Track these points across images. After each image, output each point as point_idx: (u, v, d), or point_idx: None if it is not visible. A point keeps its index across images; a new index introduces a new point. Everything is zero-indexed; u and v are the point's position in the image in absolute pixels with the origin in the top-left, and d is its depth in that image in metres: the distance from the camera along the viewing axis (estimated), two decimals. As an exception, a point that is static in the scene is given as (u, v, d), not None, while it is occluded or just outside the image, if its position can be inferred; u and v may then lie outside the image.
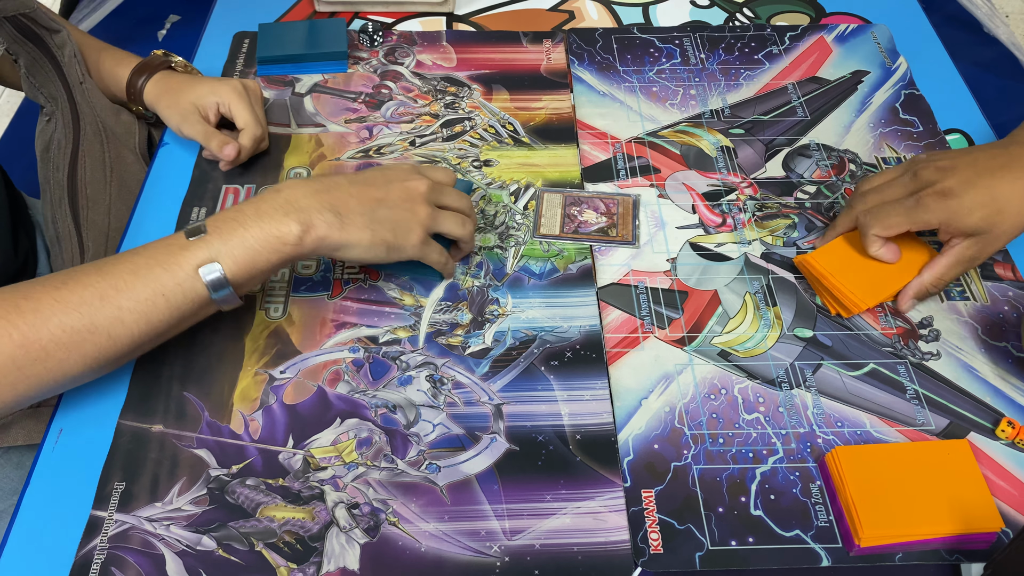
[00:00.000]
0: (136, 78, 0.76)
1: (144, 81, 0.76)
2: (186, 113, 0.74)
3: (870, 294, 0.63)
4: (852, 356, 0.62)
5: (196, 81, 0.76)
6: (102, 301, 0.52)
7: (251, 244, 0.54)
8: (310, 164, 0.75)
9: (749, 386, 0.60)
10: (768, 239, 0.69)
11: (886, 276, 0.64)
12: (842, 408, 0.59)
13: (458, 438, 0.57)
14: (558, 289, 0.66)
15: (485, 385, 0.60)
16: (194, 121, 0.73)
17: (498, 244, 0.69)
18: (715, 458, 0.56)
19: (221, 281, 0.54)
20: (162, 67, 0.77)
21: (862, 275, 0.63)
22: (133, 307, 0.53)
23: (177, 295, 0.54)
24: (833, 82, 0.83)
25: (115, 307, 0.52)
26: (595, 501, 0.54)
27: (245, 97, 0.74)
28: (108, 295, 0.53)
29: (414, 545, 0.52)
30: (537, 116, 0.79)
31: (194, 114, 0.74)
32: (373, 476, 0.55)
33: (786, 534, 0.53)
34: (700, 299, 0.65)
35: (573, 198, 0.72)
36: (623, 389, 0.60)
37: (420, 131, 0.78)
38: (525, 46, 0.87)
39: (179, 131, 0.74)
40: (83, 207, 0.77)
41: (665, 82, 0.83)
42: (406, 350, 0.62)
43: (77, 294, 0.52)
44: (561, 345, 0.62)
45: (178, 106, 0.74)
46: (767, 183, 0.74)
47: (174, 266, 0.54)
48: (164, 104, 0.75)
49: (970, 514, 0.50)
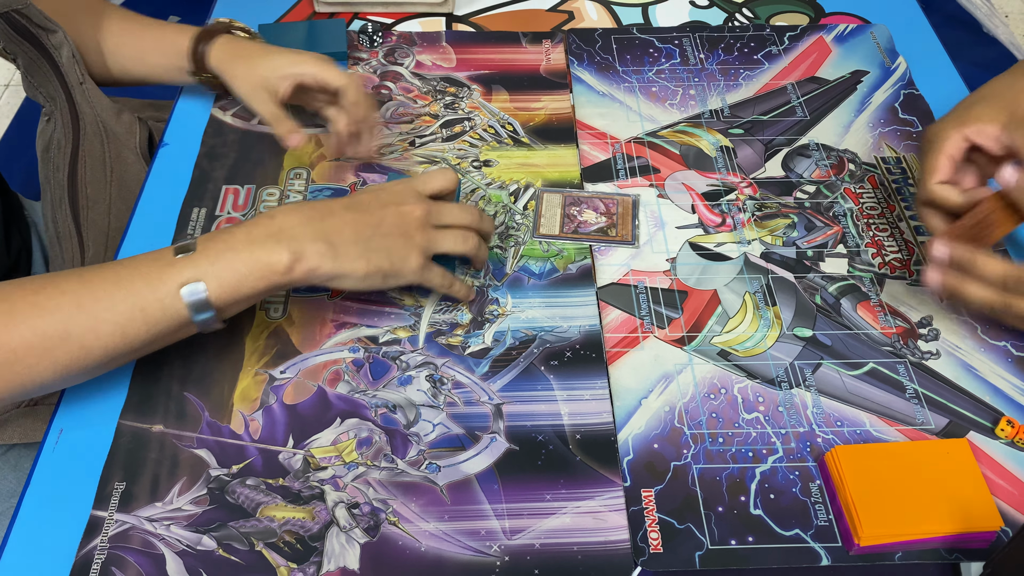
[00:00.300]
0: (198, 43, 0.74)
1: (207, 45, 0.74)
2: (257, 87, 0.72)
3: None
4: (852, 355, 0.62)
5: (271, 52, 0.73)
6: (79, 309, 0.51)
7: (239, 268, 0.53)
8: (310, 164, 0.75)
9: (749, 385, 0.60)
10: (768, 239, 0.69)
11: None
12: (842, 407, 0.59)
13: (458, 438, 0.57)
14: (558, 289, 0.66)
15: (485, 385, 0.60)
16: (264, 98, 0.72)
17: (498, 244, 0.69)
18: (715, 457, 0.56)
19: (203, 303, 0.53)
20: (224, 32, 0.75)
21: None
22: (109, 318, 0.52)
23: (156, 311, 0.53)
24: (832, 82, 0.83)
25: (91, 316, 0.52)
26: (595, 500, 0.54)
27: (332, 63, 0.72)
28: (85, 304, 0.52)
29: (414, 545, 0.52)
30: (536, 116, 0.79)
31: (265, 90, 0.72)
32: (373, 476, 0.55)
33: (786, 533, 0.53)
34: (700, 299, 0.65)
35: (573, 198, 0.72)
36: (623, 389, 0.60)
37: (420, 131, 0.78)
38: (524, 46, 0.87)
39: (247, 102, 0.73)
40: (83, 207, 0.77)
41: (664, 82, 0.83)
42: (406, 350, 0.62)
43: (54, 300, 0.51)
44: (561, 345, 0.62)
45: (252, 76, 0.72)
46: (766, 183, 0.74)
47: (157, 282, 0.53)
48: (237, 71, 0.73)
49: (969, 513, 0.50)
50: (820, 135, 0.78)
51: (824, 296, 0.65)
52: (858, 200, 0.72)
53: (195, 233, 0.69)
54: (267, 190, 0.73)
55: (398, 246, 0.58)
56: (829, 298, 0.65)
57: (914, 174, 0.74)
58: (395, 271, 0.58)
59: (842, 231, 0.70)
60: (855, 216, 0.71)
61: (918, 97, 0.81)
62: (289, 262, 0.54)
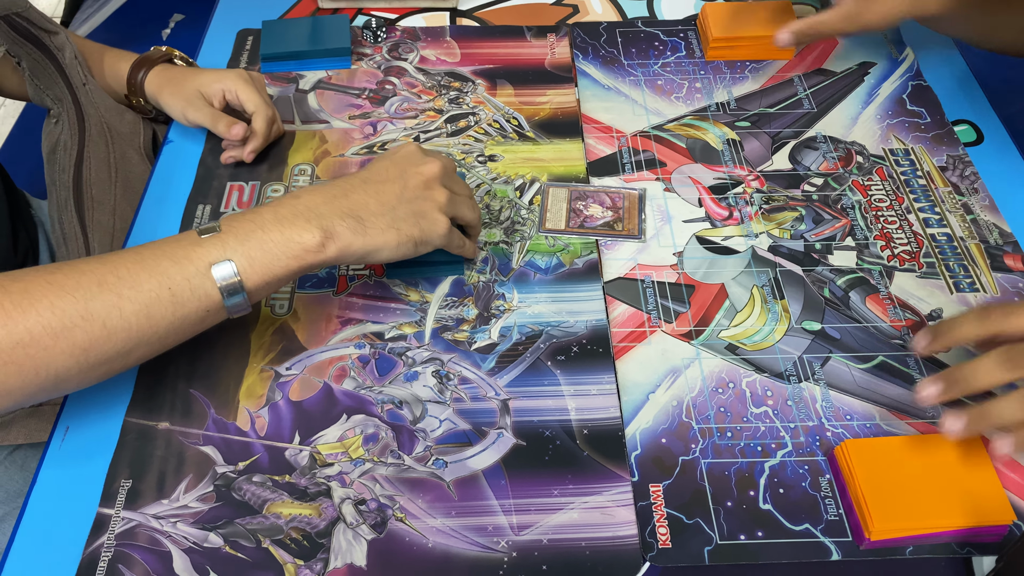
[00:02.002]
0: (136, 71, 0.76)
1: (145, 73, 0.76)
2: (190, 98, 0.73)
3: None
4: (861, 349, 0.61)
5: (199, 71, 0.76)
6: (100, 287, 0.48)
7: (270, 248, 0.52)
8: (314, 160, 0.75)
9: (757, 380, 0.60)
10: (775, 232, 0.69)
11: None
12: (851, 401, 0.59)
13: (465, 433, 0.57)
14: (564, 284, 0.65)
15: (491, 380, 0.60)
16: (199, 105, 0.73)
17: (503, 239, 0.68)
18: (723, 452, 0.56)
19: (234, 283, 0.51)
20: (163, 60, 0.77)
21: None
22: (134, 296, 0.49)
23: (184, 291, 0.50)
24: (839, 74, 0.83)
25: (115, 294, 0.49)
26: (603, 496, 0.54)
27: (251, 82, 0.74)
28: (107, 281, 0.49)
29: (421, 541, 0.52)
30: (542, 111, 0.79)
31: (199, 99, 0.73)
32: (380, 472, 0.55)
33: (795, 528, 0.52)
34: (707, 293, 0.65)
35: (579, 192, 0.72)
36: (630, 383, 0.60)
37: (424, 127, 0.77)
38: (529, 40, 0.86)
39: (183, 117, 0.74)
40: (88, 208, 0.77)
41: (670, 75, 0.83)
42: (412, 346, 0.62)
43: (73, 279, 0.48)
44: (567, 340, 0.62)
45: (182, 93, 0.74)
46: (774, 176, 0.73)
47: (184, 260, 0.50)
48: (167, 92, 0.75)
49: (981, 506, 0.50)
50: (827, 127, 0.77)
51: (832, 289, 0.65)
52: (866, 192, 0.72)
53: (200, 230, 0.69)
54: (271, 186, 0.72)
55: (425, 210, 0.58)
56: (838, 291, 0.65)
57: (922, 166, 0.74)
58: (425, 238, 0.57)
59: (850, 224, 0.69)
60: (863, 208, 0.71)
61: (926, 88, 0.81)
62: (321, 239, 0.53)
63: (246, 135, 0.72)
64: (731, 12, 0.84)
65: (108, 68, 0.80)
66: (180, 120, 0.75)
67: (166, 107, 0.76)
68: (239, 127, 0.72)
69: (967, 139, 0.77)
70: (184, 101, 0.73)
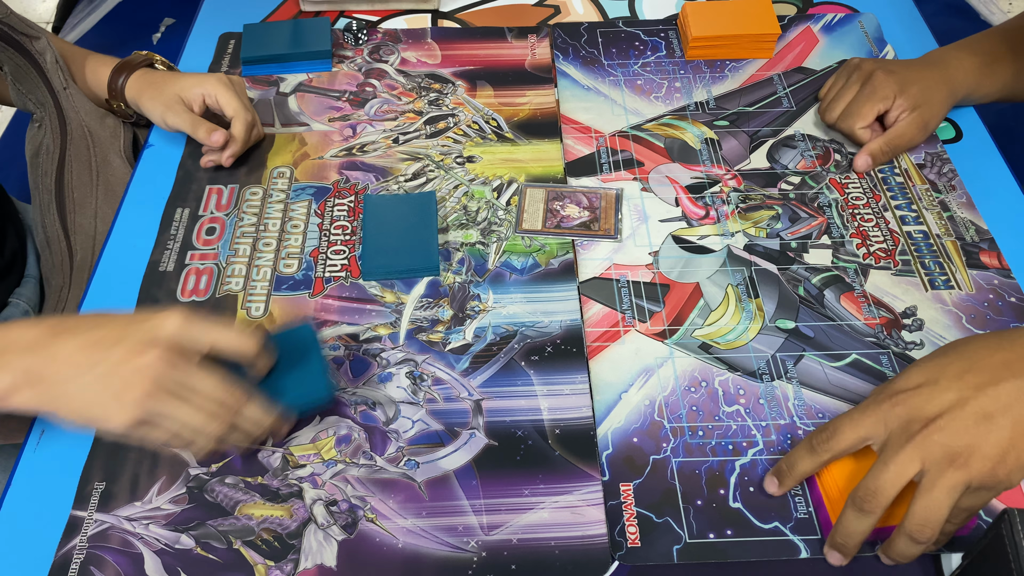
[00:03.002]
0: (117, 76, 0.76)
1: (125, 78, 0.76)
2: (170, 103, 0.74)
3: None
4: (835, 347, 0.62)
5: (179, 75, 0.77)
6: None
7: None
8: (293, 163, 0.75)
9: (730, 378, 0.60)
10: (751, 231, 0.69)
11: None
12: (823, 399, 0.59)
13: (437, 434, 0.57)
14: (539, 284, 0.66)
15: (465, 381, 0.60)
16: (179, 110, 0.73)
17: (480, 240, 0.69)
18: (694, 451, 0.56)
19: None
20: (143, 65, 0.77)
21: None
22: None
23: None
24: (819, 72, 0.83)
25: None
26: (573, 495, 0.54)
27: (231, 87, 0.74)
28: None
29: (391, 541, 0.52)
30: (521, 111, 0.79)
31: (179, 104, 0.74)
32: (352, 473, 0.55)
33: (765, 526, 0.53)
34: (682, 292, 0.65)
35: (556, 193, 0.72)
36: (603, 383, 0.60)
37: (404, 128, 0.78)
38: (510, 41, 0.86)
39: (163, 122, 0.74)
40: (70, 211, 0.78)
41: (650, 75, 0.83)
42: (386, 347, 0.62)
43: None
44: (542, 340, 0.62)
45: (161, 97, 0.74)
46: (751, 175, 0.73)
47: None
48: (147, 97, 0.75)
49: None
50: (806, 125, 0.77)
51: (807, 287, 0.65)
52: (843, 190, 0.72)
53: (178, 234, 0.69)
54: (250, 189, 0.73)
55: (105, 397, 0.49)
56: (812, 289, 0.65)
57: (900, 164, 0.74)
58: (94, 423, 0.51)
59: (827, 222, 0.69)
60: (840, 206, 0.71)
61: (906, 86, 0.81)
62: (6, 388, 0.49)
63: (226, 141, 0.72)
64: (711, 11, 0.84)
65: (90, 73, 0.80)
66: (160, 125, 0.75)
67: (146, 112, 0.76)
68: (219, 134, 0.72)
69: (946, 136, 0.77)
70: (164, 106, 0.74)
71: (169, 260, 0.67)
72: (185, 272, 0.66)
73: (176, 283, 0.66)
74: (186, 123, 0.73)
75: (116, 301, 0.65)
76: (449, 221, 0.70)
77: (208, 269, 0.67)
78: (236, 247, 0.68)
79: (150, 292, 0.65)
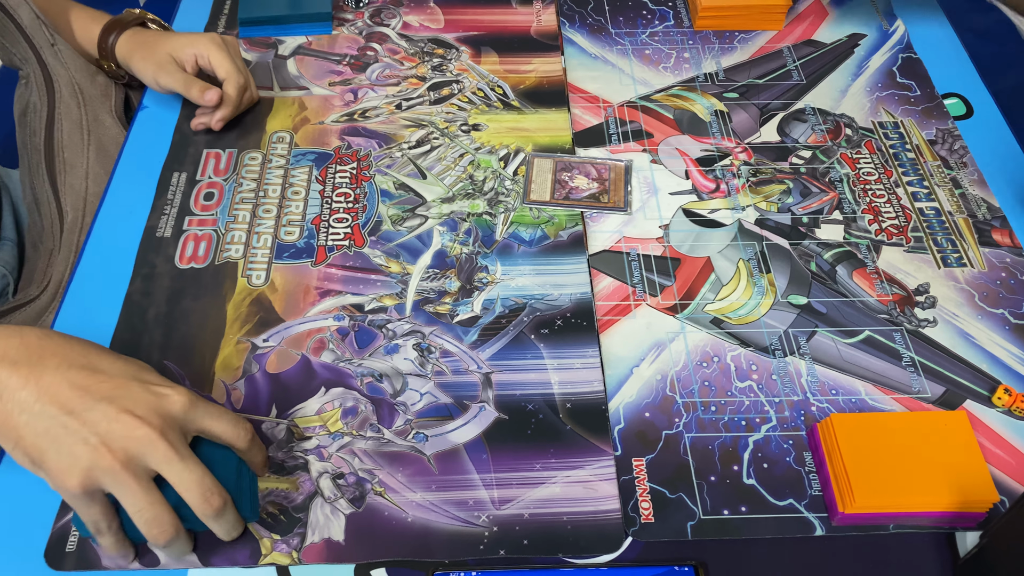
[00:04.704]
0: (107, 34, 0.74)
1: (116, 37, 0.74)
2: (162, 63, 0.71)
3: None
4: (847, 323, 0.61)
5: (172, 34, 0.74)
6: None
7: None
8: (293, 128, 0.73)
9: (742, 354, 0.59)
10: (763, 205, 0.68)
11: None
12: (836, 376, 0.58)
13: (446, 407, 0.56)
14: (548, 256, 0.64)
15: (474, 354, 0.59)
16: (172, 70, 0.71)
17: (487, 211, 0.67)
18: (707, 426, 0.55)
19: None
20: (135, 24, 0.75)
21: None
22: None
23: None
24: (829, 45, 0.81)
25: None
26: (585, 470, 0.53)
27: (224, 48, 0.72)
28: None
29: (400, 515, 0.51)
30: (527, 79, 0.77)
31: (171, 63, 0.71)
32: (359, 446, 0.54)
33: (779, 503, 0.52)
34: (693, 266, 0.64)
35: (564, 163, 0.70)
36: (614, 357, 0.59)
37: (407, 94, 0.76)
38: (515, 7, 0.84)
39: (155, 83, 0.72)
40: (60, 171, 0.75)
41: (658, 44, 0.81)
42: (392, 318, 0.60)
43: None
44: (551, 313, 0.61)
45: (153, 57, 0.72)
46: (762, 148, 0.72)
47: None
48: (138, 57, 0.73)
49: (966, 486, 0.49)
50: (816, 99, 0.76)
51: (819, 263, 0.64)
52: (854, 165, 0.71)
53: (175, 199, 0.67)
54: (249, 154, 0.71)
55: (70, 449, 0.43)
56: (824, 265, 0.64)
57: (911, 140, 0.73)
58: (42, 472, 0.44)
59: (838, 197, 0.69)
60: (851, 181, 0.70)
61: (916, 61, 0.80)
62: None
63: (220, 100, 0.70)
64: None
65: (79, 29, 0.77)
66: (152, 86, 0.73)
67: (137, 72, 0.73)
68: (213, 92, 0.70)
69: (957, 113, 0.76)
70: (156, 66, 0.71)
71: (166, 226, 0.65)
72: (184, 238, 0.64)
73: (174, 249, 0.64)
74: (179, 82, 0.71)
75: (111, 267, 0.63)
76: (455, 190, 0.68)
77: (207, 235, 0.65)
78: (235, 213, 0.66)
79: (147, 258, 0.63)
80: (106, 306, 0.60)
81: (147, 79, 0.73)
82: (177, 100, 0.75)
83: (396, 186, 0.68)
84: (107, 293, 0.61)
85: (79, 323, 0.60)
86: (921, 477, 0.50)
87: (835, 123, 0.74)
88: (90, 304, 0.61)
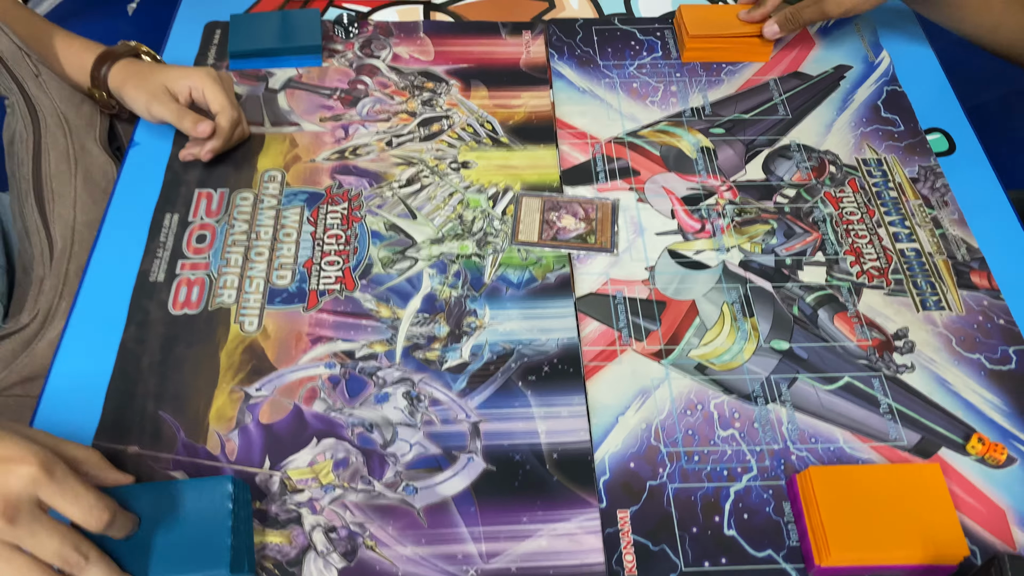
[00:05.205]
0: (101, 63, 0.74)
1: (109, 67, 0.74)
2: (156, 92, 0.72)
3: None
4: (827, 369, 0.62)
5: (167, 66, 0.75)
6: None
7: None
8: (284, 166, 0.73)
9: (725, 401, 0.61)
10: (747, 246, 0.69)
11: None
12: (816, 423, 0.60)
13: (435, 458, 0.57)
14: (536, 300, 0.65)
15: (462, 402, 0.60)
16: (165, 100, 0.72)
17: (476, 252, 0.68)
18: (690, 476, 0.57)
19: None
20: (128, 55, 0.75)
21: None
22: None
23: None
24: (816, 78, 0.82)
25: None
26: (571, 522, 0.55)
27: (219, 82, 0.72)
28: None
29: (391, 570, 0.52)
30: (516, 114, 0.78)
31: (164, 94, 0.72)
32: (350, 499, 0.55)
33: (758, 555, 0.54)
34: (678, 310, 0.65)
35: (552, 202, 0.71)
36: (600, 405, 0.60)
37: (397, 130, 0.76)
38: (504, 38, 0.85)
39: (147, 112, 0.72)
40: (49, 200, 0.76)
41: (646, 77, 0.82)
42: (383, 365, 0.62)
43: None
44: (539, 359, 0.62)
45: (147, 86, 0.72)
46: (746, 186, 0.73)
47: None
48: (131, 85, 0.73)
49: (938, 539, 0.51)
50: (802, 135, 0.77)
51: (802, 307, 0.66)
52: (838, 205, 0.72)
53: (167, 242, 0.68)
54: (240, 194, 0.71)
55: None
56: (807, 308, 0.65)
57: (894, 178, 0.74)
58: None
59: (821, 238, 0.70)
60: (835, 222, 0.71)
61: (901, 94, 0.81)
62: None
63: (213, 132, 0.71)
64: (708, 13, 0.83)
65: (71, 57, 0.77)
66: (144, 116, 0.73)
67: (130, 101, 0.74)
68: (206, 124, 0.70)
69: (939, 148, 0.77)
70: (149, 95, 0.72)
71: (159, 270, 0.66)
72: (176, 282, 0.65)
73: (167, 294, 0.65)
74: (171, 113, 0.71)
75: (106, 313, 0.64)
76: (444, 231, 0.69)
77: (199, 279, 0.66)
78: (228, 256, 0.67)
79: (141, 304, 0.64)
80: (101, 353, 0.61)
81: (139, 108, 0.73)
82: (168, 137, 0.75)
83: (387, 227, 0.69)
84: (102, 340, 0.62)
85: (75, 371, 0.61)
86: (895, 531, 0.52)
87: (819, 160, 0.75)
88: (85, 352, 0.62)
